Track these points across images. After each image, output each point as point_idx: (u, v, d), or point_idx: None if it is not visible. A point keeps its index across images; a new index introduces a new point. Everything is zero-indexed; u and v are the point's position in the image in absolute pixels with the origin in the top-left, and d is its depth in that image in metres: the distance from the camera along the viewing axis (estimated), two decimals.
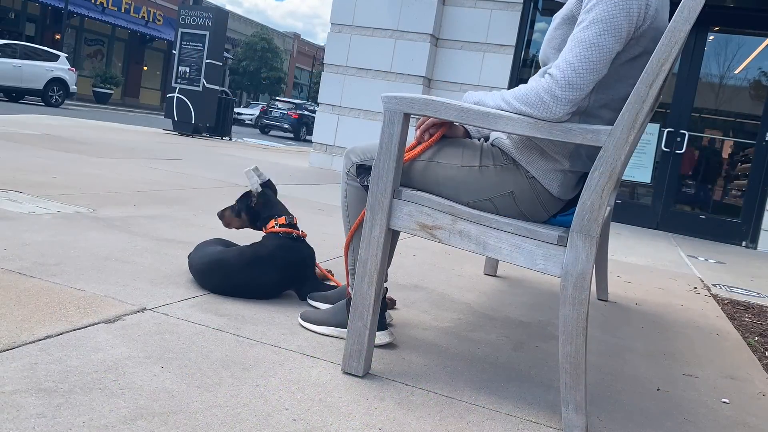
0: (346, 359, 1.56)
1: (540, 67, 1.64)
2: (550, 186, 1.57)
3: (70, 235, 2.48)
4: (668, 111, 6.96)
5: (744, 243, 6.78)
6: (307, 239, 2.21)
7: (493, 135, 1.71)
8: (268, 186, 2.25)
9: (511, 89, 1.51)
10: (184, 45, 11.15)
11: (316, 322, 1.83)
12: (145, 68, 31.47)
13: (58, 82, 14.55)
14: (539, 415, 1.51)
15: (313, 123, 21.32)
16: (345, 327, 1.79)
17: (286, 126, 24.23)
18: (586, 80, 1.41)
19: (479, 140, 1.70)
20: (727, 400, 1.82)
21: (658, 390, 1.82)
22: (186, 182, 4.64)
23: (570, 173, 1.58)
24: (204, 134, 11.57)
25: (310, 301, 2.11)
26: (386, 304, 1.82)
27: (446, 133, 1.72)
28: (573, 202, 1.64)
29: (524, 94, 1.45)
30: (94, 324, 1.60)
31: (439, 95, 3.71)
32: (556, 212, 1.64)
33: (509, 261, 1.47)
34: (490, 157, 1.62)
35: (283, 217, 2.16)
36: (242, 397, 1.33)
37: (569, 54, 1.42)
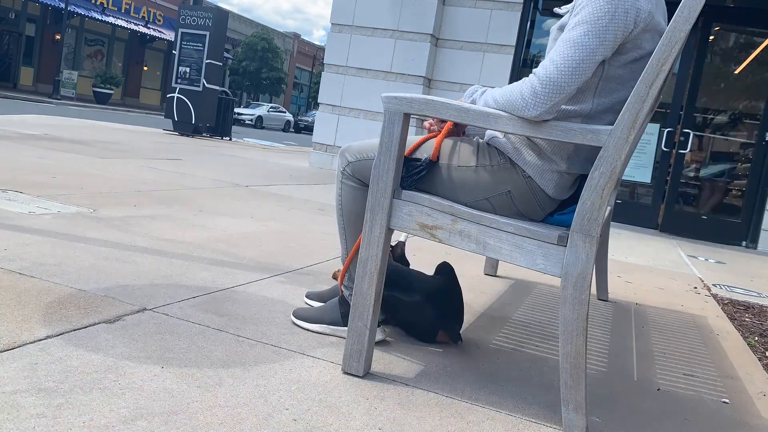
0: (346, 359, 1.56)
1: None
2: (546, 186, 1.58)
3: (70, 235, 2.48)
4: (668, 111, 6.95)
5: (744, 243, 6.78)
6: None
7: (490, 134, 1.71)
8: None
9: (500, 87, 1.52)
10: (185, 45, 11.15)
11: (309, 320, 1.84)
12: (145, 68, 31.48)
13: None
14: (539, 415, 1.51)
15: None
16: (337, 325, 1.80)
17: None
18: (567, 78, 1.40)
19: (475, 139, 1.70)
20: (727, 400, 1.82)
21: (658, 390, 1.82)
22: (186, 182, 4.64)
23: (566, 174, 1.58)
24: (204, 134, 11.57)
25: (306, 300, 2.11)
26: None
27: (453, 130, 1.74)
28: (571, 200, 1.64)
29: (508, 91, 1.46)
30: (94, 324, 1.60)
31: (439, 95, 3.71)
32: (553, 210, 1.65)
33: (509, 261, 1.47)
34: (486, 156, 1.62)
35: None
36: (242, 397, 1.33)
37: (553, 53, 1.43)
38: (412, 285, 1.88)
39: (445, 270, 2.01)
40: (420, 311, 1.86)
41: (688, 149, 6.93)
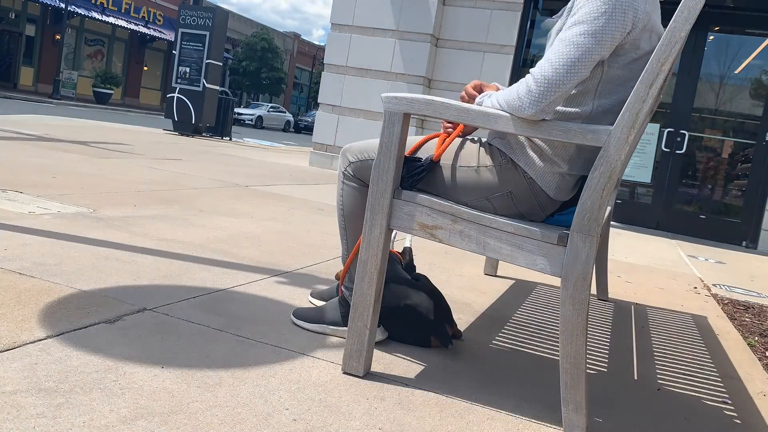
0: (346, 359, 1.56)
1: None
2: (547, 187, 1.57)
3: (70, 235, 2.48)
4: (668, 111, 6.96)
5: (744, 243, 6.78)
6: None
7: (492, 134, 1.71)
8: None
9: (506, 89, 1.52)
10: (185, 45, 11.15)
11: (309, 320, 1.84)
12: (146, 68, 31.49)
13: None
14: (539, 415, 1.51)
15: None
16: (337, 325, 1.80)
17: None
18: (562, 77, 1.39)
19: (477, 140, 1.70)
20: (727, 400, 1.82)
21: (658, 390, 1.82)
22: (186, 182, 4.64)
23: (568, 176, 1.58)
24: (204, 134, 11.57)
25: (310, 299, 2.11)
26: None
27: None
28: (571, 201, 1.64)
29: (508, 92, 1.46)
30: (94, 324, 1.60)
31: (440, 95, 3.72)
32: (554, 211, 1.65)
33: (509, 261, 1.47)
34: (488, 157, 1.62)
35: None
36: (242, 397, 1.33)
37: (549, 52, 1.43)
38: (398, 298, 1.87)
39: (422, 278, 2.01)
40: (409, 324, 1.85)
41: (685, 149, 6.93)
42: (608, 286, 3.00)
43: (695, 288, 3.65)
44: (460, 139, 1.70)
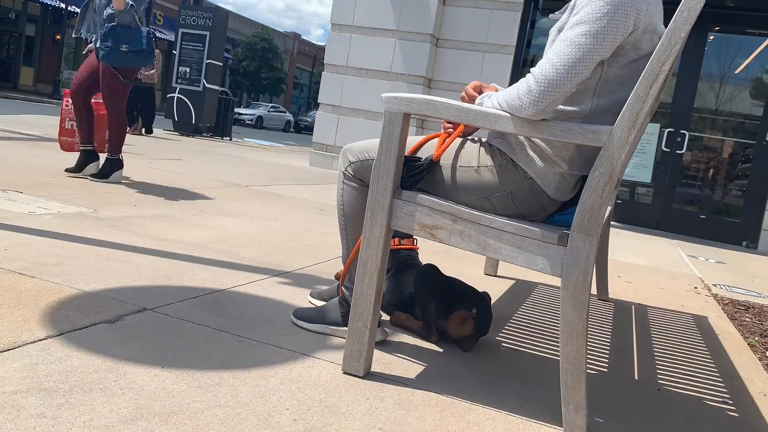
0: (347, 359, 1.56)
1: None
2: (547, 188, 1.57)
3: (70, 235, 2.48)
4: (668, 111, 6.95)
5: (744, 243, 6.78)
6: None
7: (492, 134, 1.71)
8: None
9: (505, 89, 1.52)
10: (185, 45, 11.16)
11: (309, 320, 1.84)
12: None
13: None
14: (539, 415, 1.51)
15: None
16: (337, 325, 1.80)
17: None
18: (563, 77, 1.39)
19: (477, 140, 1.70)
20: (727, 400, 1.82)
21: (658, 390, 1.82)
22: (186, 182, 4.64)
23: (568, 176, 1.58)
24: (204, 134, 11.57)
25: (310, 299, 2.11)
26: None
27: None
28: (571, 201, 1.64)
29: (508, 92, 1.46)
30: (94, 324, 1.60)
31: (440, 95, 3.72)
32: (554, 211, 1.65)
33: (509, 261, 1.47)
34: (488, 157, 1.62)
35: None
36: (242, 397, 1.33)
37: (550, 52, 1.43)
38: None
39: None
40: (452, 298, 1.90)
41: (685, 149, 6.93)
42: (608, 286, 3.00)
43: (695, 288, 3.65)
44: (461, 139, 1.70)
